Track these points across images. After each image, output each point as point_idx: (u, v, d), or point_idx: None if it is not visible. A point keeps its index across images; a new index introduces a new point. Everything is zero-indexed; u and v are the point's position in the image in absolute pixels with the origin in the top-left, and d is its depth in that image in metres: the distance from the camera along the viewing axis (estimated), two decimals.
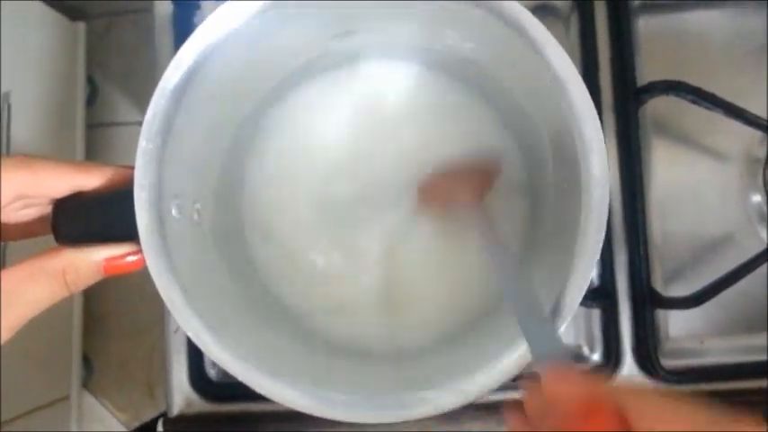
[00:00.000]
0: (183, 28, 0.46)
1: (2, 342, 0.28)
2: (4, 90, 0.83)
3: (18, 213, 0.30)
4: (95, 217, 0.29)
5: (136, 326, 1.09)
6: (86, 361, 1.08)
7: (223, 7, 0.28)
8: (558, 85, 0.27)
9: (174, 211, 0.29)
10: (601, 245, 0.26)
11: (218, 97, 0.32)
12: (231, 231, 0.35)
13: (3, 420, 0.85)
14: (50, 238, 0.31)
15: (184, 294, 0.28)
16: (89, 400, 1.09)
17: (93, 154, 1.06)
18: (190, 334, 0.28)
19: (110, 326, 1.10)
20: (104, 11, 1.09)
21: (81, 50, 1.04)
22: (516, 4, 0.27)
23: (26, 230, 0.31)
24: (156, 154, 0.28)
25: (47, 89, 0.95)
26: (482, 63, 0.33)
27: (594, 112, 0.27)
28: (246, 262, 0.36)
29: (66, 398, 1.02)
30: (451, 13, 0.29)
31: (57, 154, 0.98)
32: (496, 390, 0.28)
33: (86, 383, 1.09)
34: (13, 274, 0.28)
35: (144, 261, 0.30)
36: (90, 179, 0.29)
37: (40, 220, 0.31)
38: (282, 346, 0.33)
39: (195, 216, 0.32)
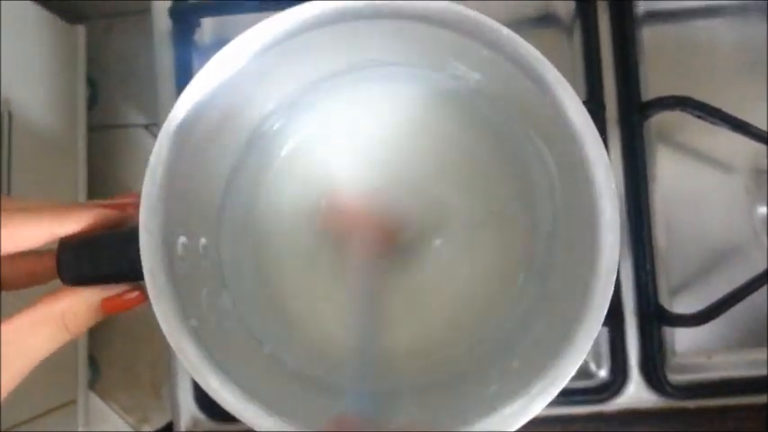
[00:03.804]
0: (182, 46, 0.46)
1: (2, 397, 0.27)
2: (4, 96, 0.83)
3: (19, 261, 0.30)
4: (100, 258, 0.29)
5: (142, 328, 1.09)
6: (93, 363, 1.09)
7: (228, 47, 0.28)
8: (569, 127, 0.27)
9: (179, 251, 0.29)
10: (611, 291, 0.26)
11: (222, 131, 0.31)
12: (237, 263, 0.35)
13: (11, 425, 0.85)
14: None
15: (192, 338, 0.27)
16: (96, 402, 1.10)
17: (94, 157, 1.05)
18: (196, 377, 0.27)
19: (116, 328, 1.10)
20: (103, 13, 1.09)
21: (81, 53, 1.04)
22: (529, 46, 0.27)
23: (31, 278, 0.31)
24: (161, 195, 0.28)
25: (47, 93, 0.95)
26: (489, 95, 0.33)
27: (606, 159, 0.26)
28: (254, 294, 0.36)
29: (73, 401, 1.02)
30: (460, 47, 0.28)
31: (59, 158, 0.98)
32: None
33: (93, 386, 1.09)
34: (12, 326, 0.28)
35: (143, 297, 0.30)
36: (67, 226, 0.29)
37: (41, 264, 0.31)
38: (293, 389, 0.32)
39: (201, 253, 0.31)
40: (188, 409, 0.46)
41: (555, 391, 0.27)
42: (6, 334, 0.27)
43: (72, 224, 0.29)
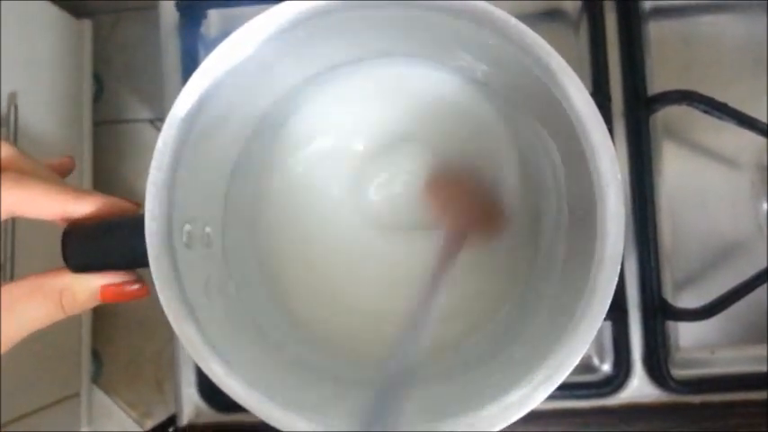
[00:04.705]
0: (189, 37, 0.46)
1: None
2: (11, 90, 0.83)
3: None
4: (105, 246, 0.29)
5: (145, 322, 1.09)
6: (96, 357, 1.09)
7: (234, 34, 0.28)
8: (575, 117, 0.26)
9: (184, 239, 0.29)
10: (615, 281, 0.26)
11: (228, 119, 0.31)
12: (242, 252, 0.35)
13: (13, 418, 0.85)
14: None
15: (196, 325, 0.27)
16: (99, 396, 1.10)
17: (99, 151, 1.06)
18: (201, 364, 0.27)
19: (119, 322, 1.10)
20: (110, 8, 1.09)
21: (87, 48, 1.04)
22: (536, 35, 0.27)
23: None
24: (166, 183, 0.28)
25: (53, 88, 0.95)
26: (494, 86, 0.33)
27: (612, 148, 0.26)
28: (259, 281, 0.36)
29: (77, 394, 1.02)
30: (466, 37, 0.28)
31: (64, 152, 0.98)
32: None
33: (96, 380, 1.09)
34: (10, 291, 0.28)
35: (145, 291, 0.30)
36: (81, 206, 0.29)
37: None
38: (295, 376, 0.32)
39: (205, 240, 0.31)
40: (191, 399, 0.46)
41: (558, 380, 0.27)
42: (3, 298, 0.28)
43: (86, 206, 0.29)
